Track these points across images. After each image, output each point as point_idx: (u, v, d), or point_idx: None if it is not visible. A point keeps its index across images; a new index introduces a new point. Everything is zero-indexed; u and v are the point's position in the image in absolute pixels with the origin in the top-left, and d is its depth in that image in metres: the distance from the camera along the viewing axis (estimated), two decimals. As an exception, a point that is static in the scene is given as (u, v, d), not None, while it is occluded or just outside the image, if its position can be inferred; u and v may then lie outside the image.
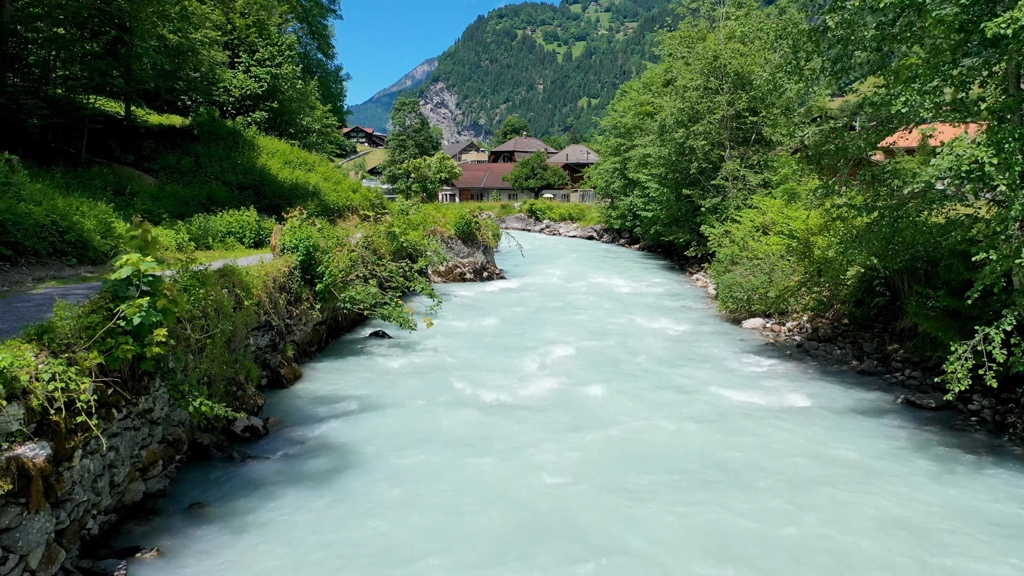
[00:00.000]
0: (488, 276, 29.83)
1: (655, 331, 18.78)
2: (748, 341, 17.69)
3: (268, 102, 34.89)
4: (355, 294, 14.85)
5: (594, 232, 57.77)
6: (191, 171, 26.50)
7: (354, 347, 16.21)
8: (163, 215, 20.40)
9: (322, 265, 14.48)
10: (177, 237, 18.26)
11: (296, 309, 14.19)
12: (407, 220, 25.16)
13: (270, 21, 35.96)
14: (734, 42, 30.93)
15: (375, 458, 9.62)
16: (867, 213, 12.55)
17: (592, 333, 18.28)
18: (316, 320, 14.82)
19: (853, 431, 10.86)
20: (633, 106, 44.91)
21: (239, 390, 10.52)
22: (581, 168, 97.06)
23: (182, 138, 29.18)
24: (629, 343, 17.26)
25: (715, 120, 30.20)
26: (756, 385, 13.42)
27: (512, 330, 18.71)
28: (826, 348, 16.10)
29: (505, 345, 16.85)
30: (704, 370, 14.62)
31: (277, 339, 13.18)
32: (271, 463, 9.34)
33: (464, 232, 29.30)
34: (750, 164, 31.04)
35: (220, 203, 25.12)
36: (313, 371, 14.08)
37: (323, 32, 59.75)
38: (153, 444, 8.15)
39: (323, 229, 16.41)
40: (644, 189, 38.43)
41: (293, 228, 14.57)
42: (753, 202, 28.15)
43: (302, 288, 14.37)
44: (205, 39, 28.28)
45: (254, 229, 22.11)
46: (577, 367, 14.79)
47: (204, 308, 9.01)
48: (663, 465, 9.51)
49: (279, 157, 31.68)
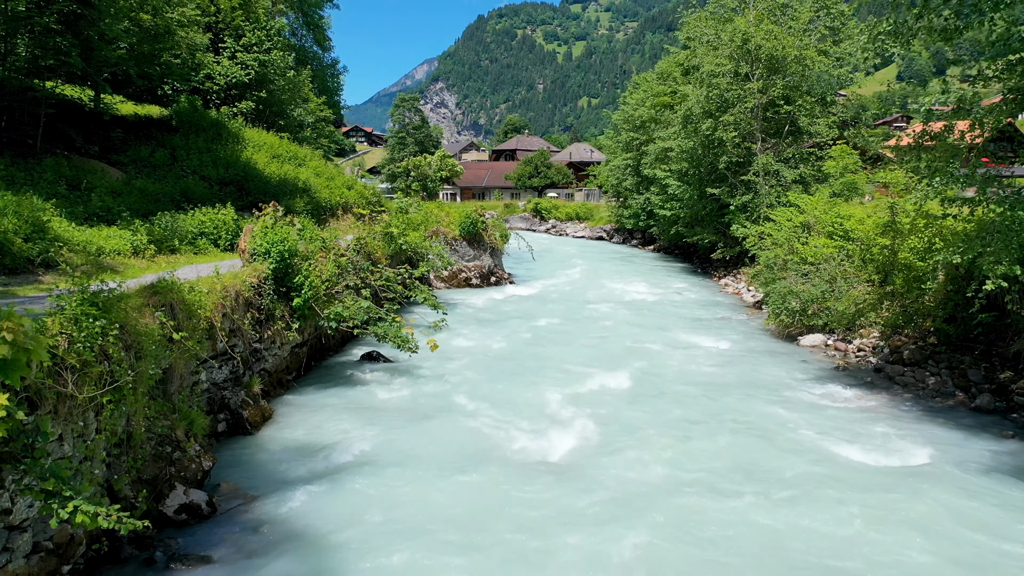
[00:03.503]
0: (496, 281, 26.96)
1: (697, 351, 15.93)
2: (813, 364, 14.82)
3: (256, 91, 31.97)
4: (342, 310, 11.99)
5: (603, 232, 54.83)
6: (165, 164, 23.58)
7: (342, 373, 13.34)
8: (122, 213, 17.51)
9: (301, 275, 11.62)
10: (134, 239, 15.46)
11: (268, 330, 11.33)
12: (406, 219, 22.31)
13: (258, 3, 33.06)
14: (767, 22, 28.06)
15: (359, 555, 6.78)
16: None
17: (623, 354, 15.41)
18: (294, 342, 11.95)
19: (1012, 506, 8.00)
20: (648, 97, 42.03)
21: (175, 450, 7.66)
22: (585, 167, 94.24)
23: (159, 129, 26.27)
24: (669, 367, 14.40)
25: (746, 109, 27.34)
26: (849, 430, 10.55)
27: (528, 350, 15.86)
28: (915, 374, 13.23)
29: (522, 371, 14.00)
30: (773, 407, 11.75)
31: (241, 370, 10.33)
32: (212, 571, 6.48)
33: (470, 233, 26.44)
34: (784, 158, 28.18)
35: (196, 200, 22.23)
36: (288, 408, 11.22)
37: (319, 23, 56.98)
38: (17, 562, 5.30)
39: (304, 229, 13.55)
40: (663, 186, 35.57)
41: (265, 229, 11.69)
42: (790, 199, 25.33)
43: (276, 303, 11.51)
44: (183, 19, 25.40)
45: (231, 230, 19.24)
46: (612, 403, 11.94)
47: (105, 346, 6.13)
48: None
49: (266, 151, 28.81)
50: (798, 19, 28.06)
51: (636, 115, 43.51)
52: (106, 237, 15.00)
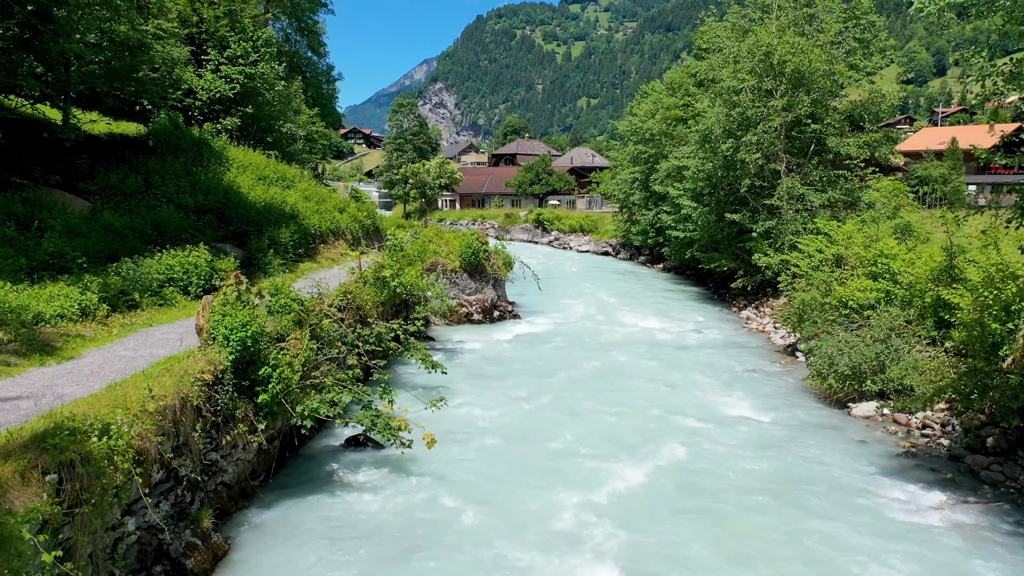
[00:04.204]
0: (500, 316, 24.83)
1: (734, 426, 13.79)
2: (874, 446, 12.69)
3: (241, 106, 29.83)
4: (319, 404, 9.86)
5: (609, 247, 52.61)
6: (138, 192, 21.39)
7: (321, 470, 11.19)
8: (78, 259, 15.39)
9: (267, 366, 9.49)
10: (83, 299, 13.31)
11: (227, 435, 9.20)
12: (401, 256, 20.17)
13: (244, 12, 30.89)
14: (790, 33, 25.92)
15: None
16: None
17: (646, 433, 13.24)
18: (259, 444, 9.79)
19: None
20: (658, 109, 39.89)
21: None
22: (587, 172, 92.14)
23: (134, 150, 24.06)
24: (703, 455, 12.27)
25: (771, 129, 25.20)
26: (952, 567, 8.45)
27: (538, 424, 13.71)
28: (1004, 469, 11.12)
29: (531, 460, 11.89)
30: (843, 526, 9.62)
31: (187, 499, 8.20)
32: None
33: (471, 264, 24.31)
34: (810, 181, 26.07)
35: (170, 234, 20.11)
36: (250, 535, 9.08)
37: (313, 28, 55.02)
38: None
39: (278, 294, 11.38)
40: (675, 205, 33.45)
41: (225, 307, 9.52)
42: (818, 226, 23.23)
43: (237, 401, 9.38)
44: (159, 31, 23.26)
45: (204, 274, 17.14)
46: (638, 516, 9.83)
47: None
48: None
49: (252, 172, 26.68)
50: (826, 31, 25.92)
51: (645, 127, 41.40)
52: (49, 298, 12.84)
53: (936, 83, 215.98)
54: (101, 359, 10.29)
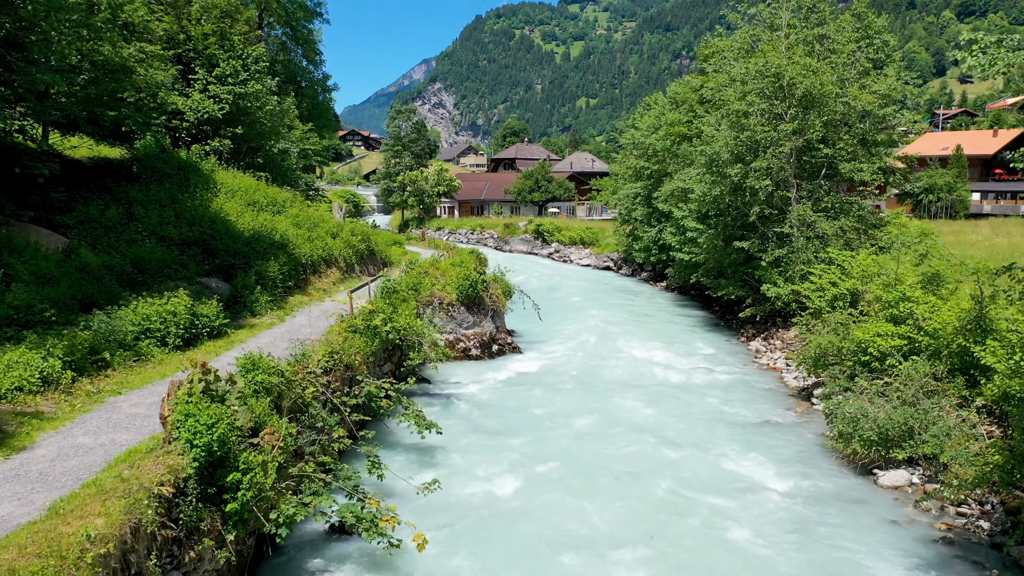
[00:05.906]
0: (499, 350, 23.77)
1: (750, 495, 12.75)
2: (908, 528, 11.65)
3: (231, 127, 28.74)
4: (295, 510, 8.81)
5: (611, 262, 51.51)
6: (119, 224, 20.30)
7: (302, 569, 10.12)
8: (46, 312, 14.30)
9: (236, 472, 8.44)
10: (44, 365, 12.22)
11: (190, 551, 8.15)
12: (394, 296, 19.08)
13: (233, 30, 29.81)
14: (800, 53, 24.86)
15: None
16: None
17: (658, 520, 12.10)
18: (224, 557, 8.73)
19: None
20: (662, 125, 38.83)
21: None
22: (587, 178, 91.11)
23: (116, 177, 22.90)
24: (719, 538, 11.26)
25: (781, 153, 24.16)
26: None
27: (538, 500, 12.64)
28: (1054, 565, 10.10)
29: (532, 544, 10.86)
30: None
31: (139, 641, 7.15)
32: None
33: (469, 297, 23.26)
34: (822, 207, 25.04)
35: (152, 270, 19.07)
36: (217, 665, 8.05)
37: (308, 37, 53.90)
38: None
39: (255, 370, 10.31)
40: (679, 226, 32.41)
41: (189, 404, 8.43)
42: (831, 256, 22.24)
43: (202, 512, 8.33)
44: (141, 54, 22.17)
45: (183, 322, 16.08)
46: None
47: None
48: None
49: (241, 197, 25.59)
50: (839, 51, 24.86)
51: (647, 142, 40.34)
52: (6, 367, 11.74)
53: (936, 83, 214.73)
54: (56, 450, 9.24)
